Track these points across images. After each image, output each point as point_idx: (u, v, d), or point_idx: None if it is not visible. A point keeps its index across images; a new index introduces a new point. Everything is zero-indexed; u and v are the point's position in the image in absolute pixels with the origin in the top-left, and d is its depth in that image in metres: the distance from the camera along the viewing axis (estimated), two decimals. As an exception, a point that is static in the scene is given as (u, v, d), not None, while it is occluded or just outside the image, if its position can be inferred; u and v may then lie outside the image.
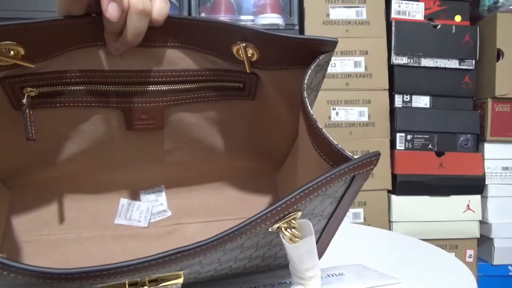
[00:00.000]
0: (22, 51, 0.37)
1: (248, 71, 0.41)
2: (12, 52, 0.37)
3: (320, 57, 0.38)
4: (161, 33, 0.40)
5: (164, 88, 0.43)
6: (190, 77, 0.43)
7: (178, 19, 0.39)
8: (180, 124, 0.46)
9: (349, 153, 0.32)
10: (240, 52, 0.40)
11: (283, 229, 0.31)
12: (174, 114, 0.45)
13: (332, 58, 1.36)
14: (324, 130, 0.34)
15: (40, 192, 0.46)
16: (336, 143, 0.33)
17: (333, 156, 0.33)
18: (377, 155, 0.31)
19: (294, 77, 0.40)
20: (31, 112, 0.40)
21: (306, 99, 0.35)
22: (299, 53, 0.39)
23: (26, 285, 0.27)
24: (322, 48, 0.38)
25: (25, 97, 0.39)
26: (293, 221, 0.31)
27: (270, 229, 0.31)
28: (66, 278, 0.26)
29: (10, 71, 0.39)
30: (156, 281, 0.29)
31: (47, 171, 0.46)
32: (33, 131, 0.40)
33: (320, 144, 0.34)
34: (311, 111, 0.35)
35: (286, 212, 0.30)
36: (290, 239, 0.31)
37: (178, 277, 0.30)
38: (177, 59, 0.42)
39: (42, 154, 0.45)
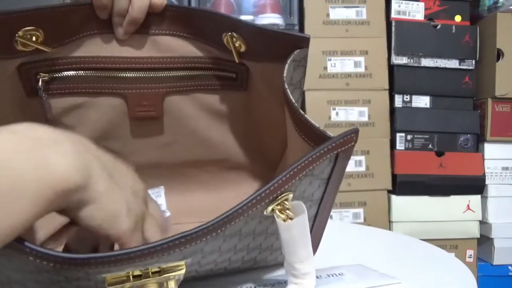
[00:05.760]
0: (41, 37, 0.40)
1: (237, 61, 0.43)
2: (34, 38, 0.40)
3: (295, 52, 0.39)
4: (160, 21, 0.43)
5: (164, 74, 0.46)
6: (188, 63, 0.46)
7: (176, 7, 0.43)
8: (179, 114, 0.48)
9: (331, 134, 0.33)
10: (228, 41, 0.42)
11: (277, 211, 0.31)
12: (173, 104, 0.47)
13: (332, 58, 1.36)
14: (306, 116, 0.35)
15: None
16: (318, 126, 0.34)
17: (316, 138, 0.34)
18: (356, 131, 0.33)
19: (278, 72, 0.41)
20: (46, 95, 0.43)
21: (288, 90, 0.37)
22: (279, 46, 0.40)
23: (35, 272, 0.27)
24: (297, 44, 0.39)
25: (40, 81, 0.43)
26: (286, 202, 0.31)
27: (265, 212, 0.32)
28: (71, 263, 0.26)
29: (28, 57, 0.41)
30: (159, 272, 0.30)
31: None
32: (51, 111, 0.44)
33: (304, 130, 0.36)
34: (293, 99, 0.36)
35: (279, 192, 0.31)
36: (284, 221, 0.31)
37: (180, 267, 0.31)
38: (175, 46, 0.45)
39: None
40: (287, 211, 0.31)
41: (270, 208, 0.31)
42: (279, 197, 0.31)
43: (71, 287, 0.29)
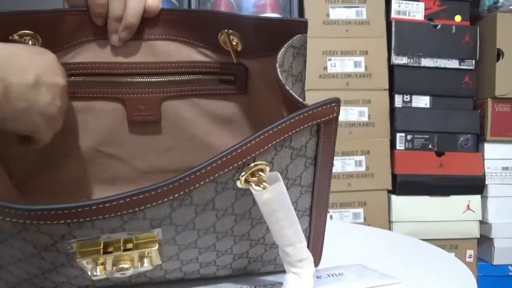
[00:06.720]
0: (39, 42, 0.41)
1: (235, 61, 0.43)
2: (31, 42, 0.40)
3: (294, 38, 0.38)
4: (155, 25, 0.43)
5: (161, 79, 0.46)
6: (184, 68, 0.46)
7: (171, 11, 0.43)
8: (177, 118, 0.48)
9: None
10: (225, 41, 0.42)
11: (253, 184, 0.29)
12: (171, 108, 0.47)
13: (332, 58, 1.36)
14: (293, 93, 0.33)
15: (49, 195, 0.47)
16: (301, 100, 0.33)
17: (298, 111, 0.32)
18: (336, 100, 0.31)
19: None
20: None
21: (278, 70, 0.35)
22: (277, 35, 0.39)
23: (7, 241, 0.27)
24: (295, 30, 0.38)
25: None
26: (261, 173, 0.29)
27: (238, 183, 0.30)
28: (25, 215, 0.26)
29: None
30: (130, 249, 0.29)
31: (55, 173, 0.47)
32: None
33: (292, 108, 0.34)
34: (281, 79, 0.35)
35: (249, 158, 0.29)
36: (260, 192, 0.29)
37: (152, 241, 0.30)
38: (171, 51, 0.45)
39: (51, 154, 0.46)
40: (264, 183, 0.29)
41: (243, 178, 0.29)
42: (251, 165, 0.29)
43: (46, 264, 0.29)
